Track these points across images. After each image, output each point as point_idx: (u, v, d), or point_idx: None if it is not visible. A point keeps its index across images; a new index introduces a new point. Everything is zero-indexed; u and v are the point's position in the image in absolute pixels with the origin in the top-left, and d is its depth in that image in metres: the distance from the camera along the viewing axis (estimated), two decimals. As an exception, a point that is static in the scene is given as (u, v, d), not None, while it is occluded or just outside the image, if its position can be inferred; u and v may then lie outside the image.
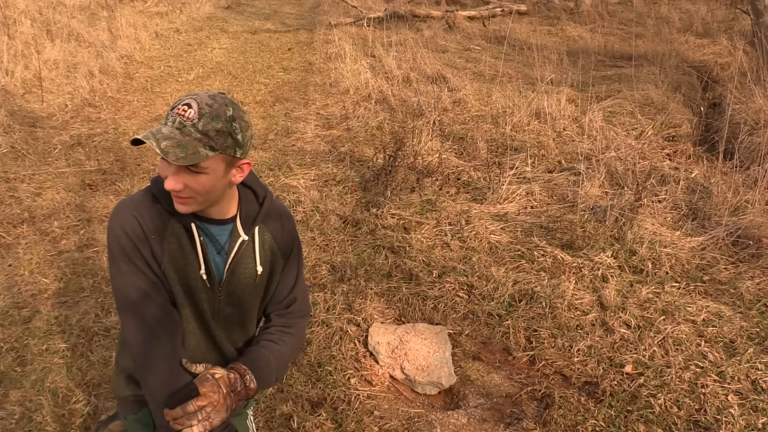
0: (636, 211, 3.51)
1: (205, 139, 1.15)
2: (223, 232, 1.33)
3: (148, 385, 1.26)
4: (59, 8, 8.84)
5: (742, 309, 2.83)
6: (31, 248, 3.35)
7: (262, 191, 1.39)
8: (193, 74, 6.99)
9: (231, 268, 1.35)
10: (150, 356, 1.25)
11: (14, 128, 4.87)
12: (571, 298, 2.87)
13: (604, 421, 2.26)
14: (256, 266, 1.37)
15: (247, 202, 1.36)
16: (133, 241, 1.23)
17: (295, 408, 2.30)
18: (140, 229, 1.24)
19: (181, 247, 1.28)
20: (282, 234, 1.42)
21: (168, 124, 1.16)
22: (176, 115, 1.15)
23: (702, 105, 5.55)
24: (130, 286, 1.25)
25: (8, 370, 2.47)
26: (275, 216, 1.41)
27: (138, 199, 1.28)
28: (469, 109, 5.49)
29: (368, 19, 9.15)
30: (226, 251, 1.34)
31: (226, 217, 1.32)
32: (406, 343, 2.58)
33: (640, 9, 10.43)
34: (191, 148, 1.14)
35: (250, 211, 1.35)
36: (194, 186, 1.19)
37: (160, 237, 1.26)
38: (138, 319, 1.25)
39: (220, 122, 1.16)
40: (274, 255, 1.41)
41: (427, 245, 3.38)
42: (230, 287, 1.36)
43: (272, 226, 1.40)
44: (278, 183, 4.15)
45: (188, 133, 1.14)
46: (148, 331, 1.25)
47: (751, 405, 2.28)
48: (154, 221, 1.26)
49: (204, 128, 1.15)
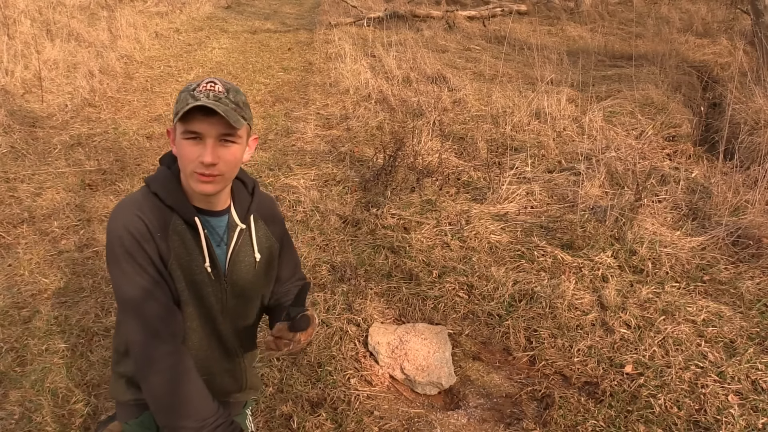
0: (636, 211, 3.50)
1: (238, 109, 1.24)
2: (221, 223, 1.36)
3: (150, 386, 1.25)
4: (59, 8, 8.84)
5: (742, 309, 2.83)
6: (31, 248, 3.35)
7: (250, 181, 1.43)
8: (193, 74, 6.99)
9: (232, 258, 1.37)
10: (152, 356, 1.24)
11: (14, 128, 4.87)
12: (571, 298, 2.87)
13: (604, 421, 2.26)
14: (255, 254, 1.40)
15: (239, 191, 1.40)
16: (137, 241, 1.24)
17: (295, 408, 2.30)
18: (145, 229, 1.24)
19: (184, 243, 1.29)
20: (273, 219, 1.48)
21: (202, 98, 1.20)
22: (207, 91, 1.21)
23: (702, 105, 5.54)
24: (134, 286, 1.24)
25: (8, 370, 2.47)
26: (264, 203, 1.47)
27: (139, 199, 1.29)
28: (469, 109, 5.49)
29: (368, 19, 9.15)
30: (225, 242, 1.36)
31: (223, 207, 1.36)
32: (406, 343, 2.58)
33: (640, 9, 10.43)
34: (233, 115, 1.21)
35: (242, 200, 1.39)
36: (227, 158, 1.24)
37: (165, 235, 1.27)
38: (141, 320, 1.25)
39: (242, 96, 1.27)
40: (270, 241, 1.45)
41: (427, 245, 3.38)
42: (233, 277, 1.38)
43: (263, 213, 1.45)
44: (278, 183, 4.15)
45: (226, 103, 1.21)
46: (150, 332, 1.25)
47: (751, 405, 2.28)
48: (158, 220, 1.27)
49: (235, 99, 1.24)
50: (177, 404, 1.23)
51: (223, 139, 1.23)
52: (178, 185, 1.30)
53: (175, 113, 1.22)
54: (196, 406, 1.24)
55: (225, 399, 1.50)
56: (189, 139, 1.22)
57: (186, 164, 1.23)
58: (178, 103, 1.23)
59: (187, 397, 1.24)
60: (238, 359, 1.47)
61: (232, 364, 1.46)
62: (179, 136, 1.23)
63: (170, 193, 1.28)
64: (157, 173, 1.34)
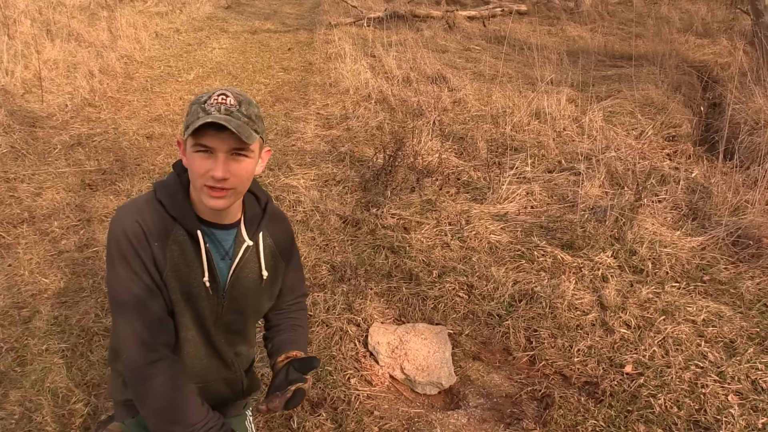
0: (636, 211, 3.50)
1: (250, 123, 1.21)
2: (228, 237, 1.33)
3: (138, 393, 1.25)
4: (59, 8, 8.83)
5: (742, 309, 2.83)
6: (31, 248, 3.35)
7: (264, 196, 1.41)
8: (193, 74, 6.99)
9: (235, 274, 1.34)
10: (140, 365, 1.24)
11: (14, 128, 4.87)
12: (571, 298, 2.87)
13: (604, 421, 2.26)
14: (261, 271, 1.38)
15: (251, 206, 1.37)
16: (134, 246, 1.22)
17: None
18: (143, 235, 1.23)
19: (184, 255, 1.27)
20: (282, 237, 1.44)
21: (213, 112, 1.17)
22: (218, 104, 1.18)
23: (702, 105, 5.55)
24: (126, 292, 1.24)
25: (8, 370, 2.47)
26: (275, 220, 1.43)
27: (141, 204, 1.27)
28: (469, 109, 5.49)
29: (368, 19, 9.15)
30: (230, 256, 1.34)
31: (232, 221, 1.33)
32: (406, 343, 2.58)
33: (640, 9, 10.43)
34: (245, 130, 1.18)
35: (253, 215, 1.37)
36: (239, 172, 1.21)
37: (163, 244, 1.25)
38: (130, 327, 1.24)
39: (255, 107, 1.24)
40: (275, 258, 1.43)
41: (427, 245, 3.38)
42: (234, 292, 1.36)
43: (273, 230, 1.42)
44: (278, 183, 4.15)
45: (238, 117, 1.18)
46: (140, 340, 1.23)
47: (751, 405, 2.28)
48: (157, 227, 1.25)
49: (247, 112, 1.21)
50: (165, 410, 1.23)
51: (235, 153, 1.20)
52: (185, 195, 1.28)
53: (185, 126, 1.20)
54: (184, 411, 1.24)
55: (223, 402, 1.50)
56: (200, 152, 1.19)
57: (196, 178, 1.21)
58: (188, 116, 1.20)
59: (176, 404, 1.24)
60: (234, 368, 1.46)
61: (228, 373, 1.45)
62: (190, 149, 1.20)
63: (176, 203, 1.27)
64: (166, 180, 1.31)
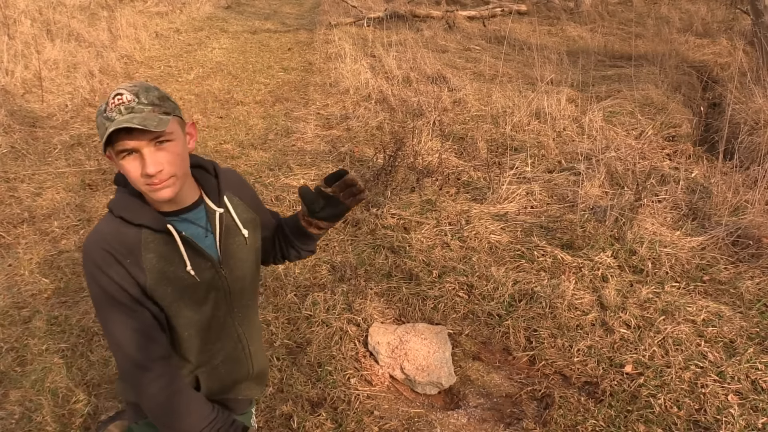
0: (636, 211, 3.51)
1: (156, 108, 1.19)
2: (200, 215, 1.36)
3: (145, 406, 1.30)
4: (59, 8, 8.84)
5: (742, 309, 2.83)
6: (31, 248, 3.35)
7: (209, 164, 1.43)
8: (193, 74, 6.99)
9: (223, 243, 1.37)
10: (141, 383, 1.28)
11: (14, 128, 4.87)
12: (571, 298, 2.87)
13: (604, 421, 2.26)
14: (242, 230, 1.41)
15: (203, 178, 1.39)
16: (109, 277, 1.23)
17: (295, 408, 2.30)
18: (114, 260, 1.23)
19: (163, 256, 1.28)
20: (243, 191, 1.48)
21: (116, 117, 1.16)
22: (117, 107, 1.17)
23: (702, 105, 5.55)
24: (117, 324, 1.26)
25: (8, 370, 2.47)
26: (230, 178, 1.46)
27: (102, 229, 1.27)
28: (469, 109, 5.49)
29: (368, 19, 9.15)
30: (210, 230, 1.36)
31: (195, 199, 1.35)
32: (406, 343, 2.58)
33: (640, 9, 10.43)
34: (153, 118, 1.17)
35: (210, 185, 1.39)
36: (169, 159, 1.21)
37: (136, 258, 1.25)
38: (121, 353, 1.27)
39: (154, 91, 1.21)
40: (248, 212, 1.46)
41: (427, 245, 3.38)
42: (230, 262, 1.39)
43: (233, 187, 1.45)
44: (278, 183, 4.15)
45: (140, 111, 1.17)
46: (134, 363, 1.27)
47: (751, 405, 2.28)
48: (125, 245, 1.25)
49: (148, 100, 1.19)
50: (173, 419, 1.28)
51: (157, 143, 1.19)
52: (141, 201, 1.29)
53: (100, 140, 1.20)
54: (191, 416, 1.29)
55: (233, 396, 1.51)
56: (125, 157, 1.19)
57: (134, 181, 1.21)
58: (99, 129, 1.20)
59: (181, 412, 1.28)
60: (242, 344, 1.48)
61: (236, 351, 1.47)
62: (116, 158, 1.20)
63: (136, 212, 1.27)
64: (117, 196, 1.31)
